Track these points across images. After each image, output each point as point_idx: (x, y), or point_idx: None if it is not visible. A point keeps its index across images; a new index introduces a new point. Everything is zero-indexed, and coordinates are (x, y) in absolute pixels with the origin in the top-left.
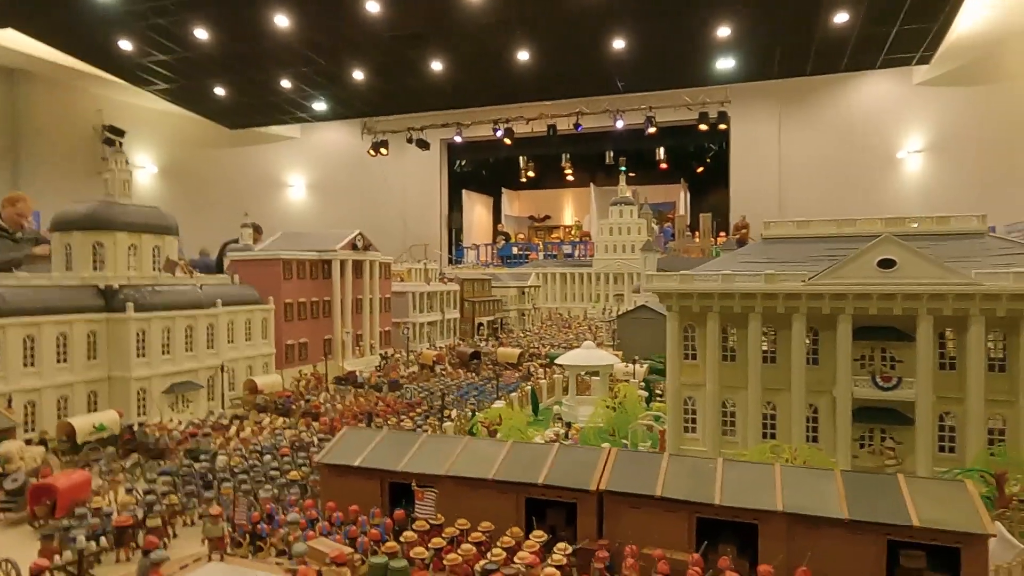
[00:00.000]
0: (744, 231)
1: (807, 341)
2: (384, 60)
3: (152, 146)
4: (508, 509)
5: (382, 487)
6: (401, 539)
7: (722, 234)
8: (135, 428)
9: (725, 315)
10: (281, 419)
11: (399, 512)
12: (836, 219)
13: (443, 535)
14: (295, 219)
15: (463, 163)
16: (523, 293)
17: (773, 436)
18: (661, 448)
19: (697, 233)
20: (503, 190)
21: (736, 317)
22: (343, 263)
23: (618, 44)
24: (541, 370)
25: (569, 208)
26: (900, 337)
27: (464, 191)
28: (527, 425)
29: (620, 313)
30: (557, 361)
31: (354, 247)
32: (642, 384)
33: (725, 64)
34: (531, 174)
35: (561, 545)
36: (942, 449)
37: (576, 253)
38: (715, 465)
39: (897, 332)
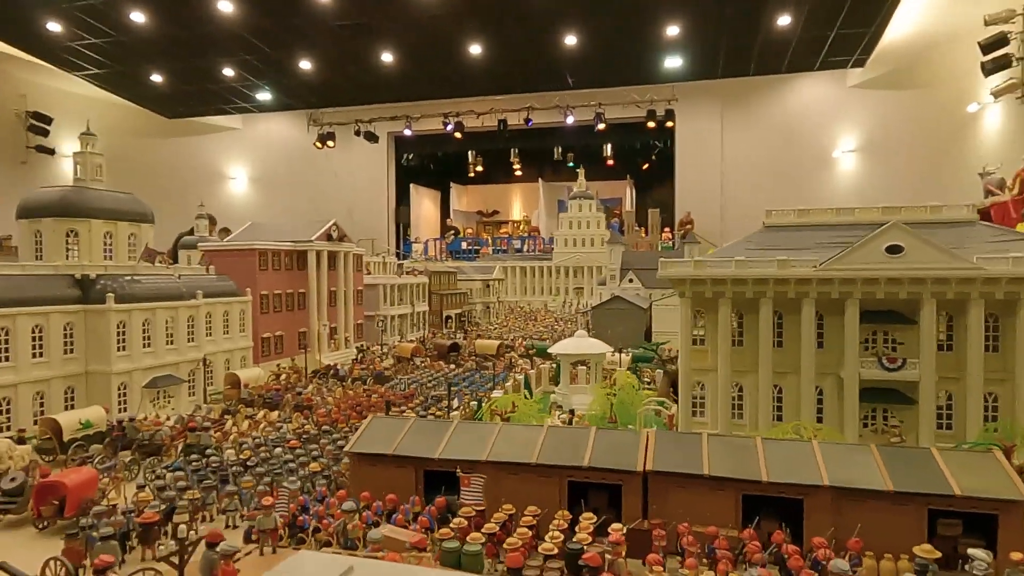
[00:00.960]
0: (688, 226)
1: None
2: (333, 50)
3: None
4: (551, 493)
5: (417, 475)
6: (451, 525)
7: (666, 230)
8: (123, 424)
9: (737, 301)
10: (275, 413)
11: (440, 499)
12: (834, 208)
13: (493, 520)
14: (238, 212)
15: (410, 157)
16: (488, 286)
17: (780, 418)
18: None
19: (645, 228)
20: (452, 184)
21: (746, 303)
22: (319, 254)
23: (570, 40)
24: (521, 361)
25: (517, 203)
26: (901, 320)
27: (412, 185)
28: (539, 412)
29: (595, 305)
30: (551, 350)
31: (329, 237)
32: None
33: (673, 63)
34: (479, 169)
35: (616, 526)
36: (940, 427)
37: (525, 248)
38: (755, 443)
39: (898, 316)
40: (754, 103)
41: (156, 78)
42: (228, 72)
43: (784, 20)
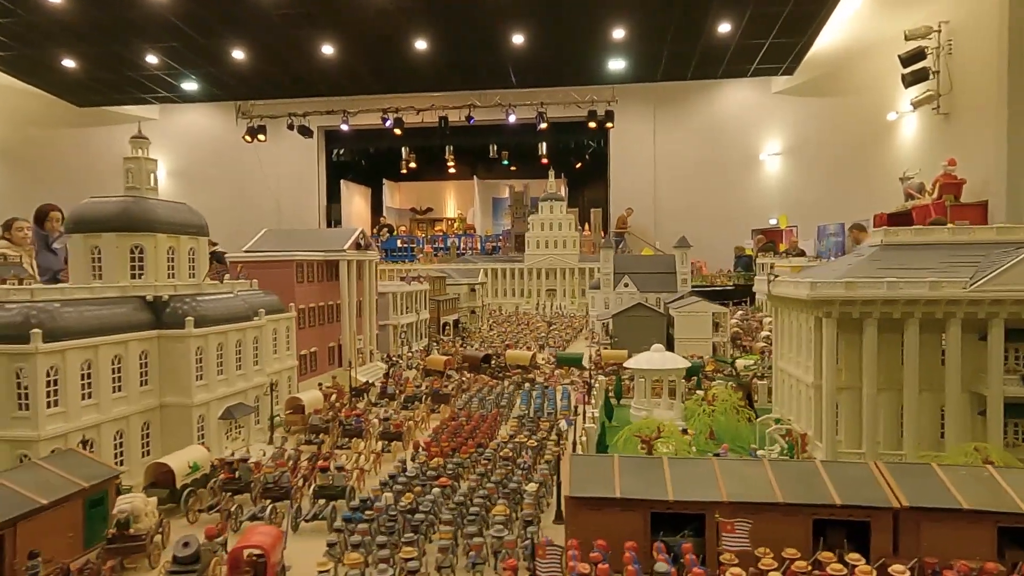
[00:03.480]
0: (624, 227)
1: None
2: (271, 40)
3: None
4: (796, 532)
5: (645, 519)
6: (728, 574)
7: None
8: (233, 464)
9: (883, 321)
10: (363, 443)
11: (686, 546)
12: (951, 227)
13: (760, 566)
14: None
15: (341, 152)
16: (473, 290)
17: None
18: (801, 455)
19: (588, 227)
20: (384, 181)
21: (889, 323)
22: (349, 264)
23: (518, 39)
24: (557, 372)
25: (451, 201)
26: None
27: (342, 181)
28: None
29: (616, 312)
30: (627, 364)
31: (358, 246)
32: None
33: (616, 65)
34: (412, 165)
35: (898, 567)
36: None
37: (463, 246)
38: (989, 472)
39: None
40: (684, 106)
41: (68, 63)
42: (152, 59)
43: (725, 27)
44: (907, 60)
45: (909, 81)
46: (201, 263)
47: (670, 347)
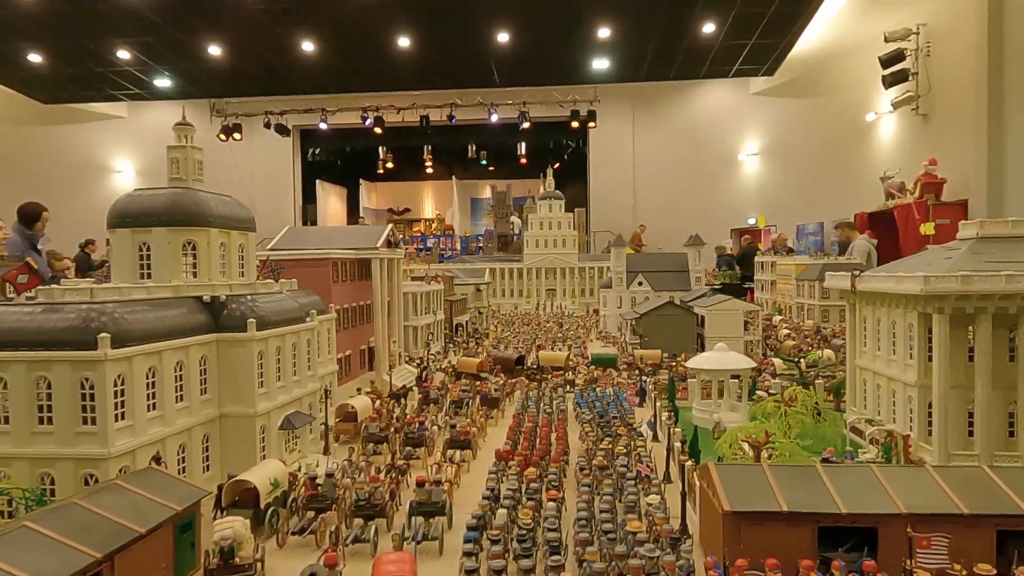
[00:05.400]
0: (641, 244)
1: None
2: (247, 35)
3: None
4: (980, 546)
5: (812, 534)
6: None
7: None
8: (316, 480)
9: (999, 316)
10: (438, 453)
11: (869, 563)
12: None
13: None
14: None
15: (317, 152)
16: (479, 290)
17: (1012, 434)
18: (906, 459)
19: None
20: (361, 181)
21: (1003, 318)
22: (382, 262)
23: (502, 38)
24: (594, 372)
25: (429, 201)
26: None
27: (318, 181)
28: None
29: (645, 311)
30: (690, 364)
31: (389, 244)
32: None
33: (600, 64)
34: (389, 165)
35: None
36: None
37: (443, 247)
38: None
39: None
40: (663, 106)
41: (35, 58)
42: (123, 54)
43: (709, 28)
44: (887, 61)
45: (889, 82)
46: (250, 261)
47: (701, 347)
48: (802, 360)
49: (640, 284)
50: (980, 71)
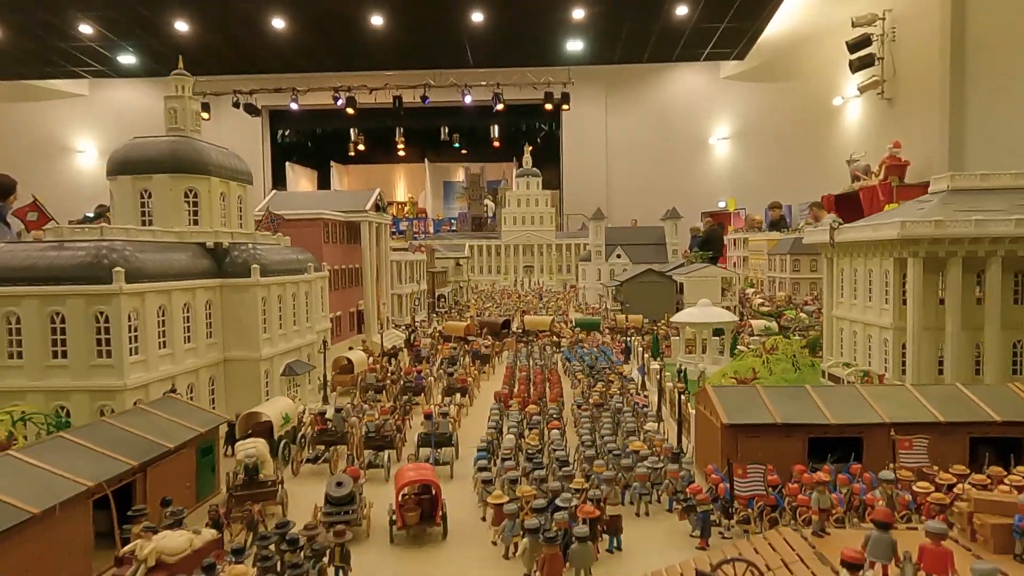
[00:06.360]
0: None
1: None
2: (217, 12)
3: None
4: (954, 451)
5: (803, 444)
6: (916, 488)
7: None
8: (325, 415)
9: (968, 260)
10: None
11: (855, 466)
12: (1014, 172)
13: (936, 481)
14: (89, 190)
15: (287, 133)
16: (458, 264)
17: (978, 372)
18: None
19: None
20: (332, 164)
21: (971, 262)
22: (370, 226)
23: (477, 17)
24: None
25: (401, 184)
26: None
27: (288, 164)
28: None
29: (626, 278)
30: (675, 319)
31: (377, 208)
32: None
33: (574, 46)
34: (361, 148)
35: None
36: None
37: (416, 229)
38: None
39: None
40: (635, 90)
41: None
42: (85, 29)
43: (682, 10)
44: (853, 46)
45: (856, 67)
46: (248, 212)
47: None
48: (783, 314)
49: (619, 257)
50: (943, 56)
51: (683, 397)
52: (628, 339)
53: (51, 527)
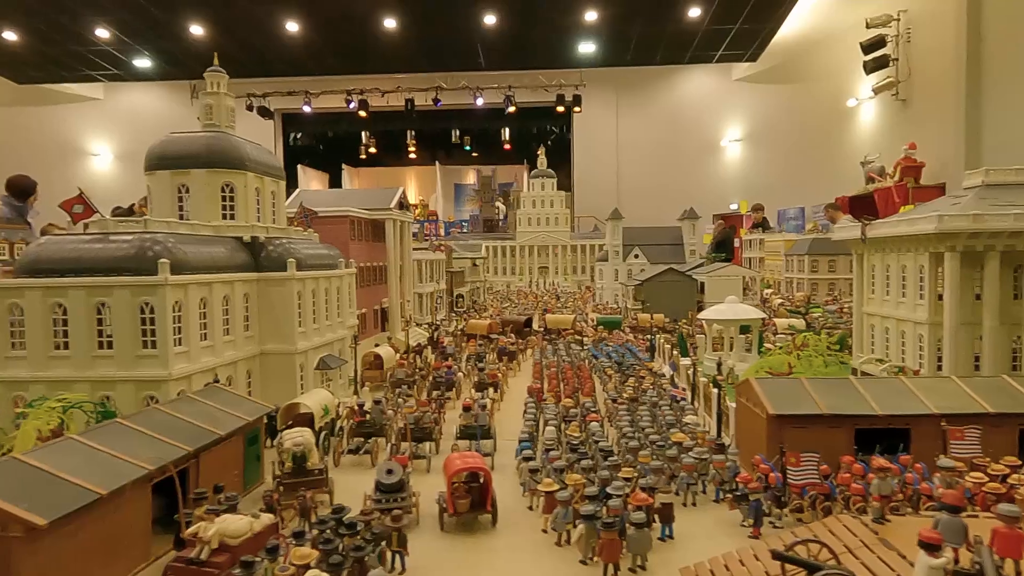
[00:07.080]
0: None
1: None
2: (232, 15)
3: None
4: (1004, 440)
5: (849, 435)
6: (969, 478)
7: None
8: (364, 407)
9: (1007, 254)
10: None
11: (905, 457)
12: None
13: (989, 472)
14: (104, 192)
15: (299, 136)
16: (475, 264)
17: (1015, 367)
18: None
19: None
20: (344, 166)
21: (1009, 256)
22: (395, 224)
23: (489, 20)
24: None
25: (412, 186)
26: None
27: (300, 166)
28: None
29: (647, 277)
30: (702, 316)
31: (400, 206)
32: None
33: (587, 48)
34: (372, 150)
35: None
36: None
37: (427, 232)
38: None
39: None
40: (646, 93)
41: (9, 36)
42: (102, 33)
43: (694, 12)
44: (868, 47)
45: (870, 68)
46: (281, 207)
47: (700, 311)
48: (810, 312)
49: (636, 257)
50: (959, 57)
51: (721, 391)
52: (653, 337)
53: (115, 509)
